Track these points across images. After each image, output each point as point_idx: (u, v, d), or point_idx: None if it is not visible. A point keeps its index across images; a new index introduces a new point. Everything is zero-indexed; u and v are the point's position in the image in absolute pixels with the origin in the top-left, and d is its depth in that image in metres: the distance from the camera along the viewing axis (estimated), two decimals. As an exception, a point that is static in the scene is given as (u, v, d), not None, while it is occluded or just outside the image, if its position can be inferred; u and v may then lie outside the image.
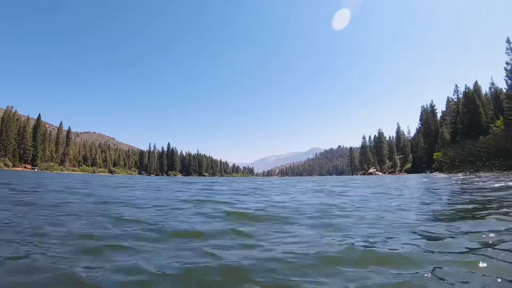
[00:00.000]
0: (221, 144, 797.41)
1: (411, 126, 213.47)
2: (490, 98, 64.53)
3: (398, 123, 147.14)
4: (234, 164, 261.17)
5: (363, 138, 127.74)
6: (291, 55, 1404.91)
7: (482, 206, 5.50)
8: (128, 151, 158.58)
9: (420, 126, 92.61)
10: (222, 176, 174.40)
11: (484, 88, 69.26)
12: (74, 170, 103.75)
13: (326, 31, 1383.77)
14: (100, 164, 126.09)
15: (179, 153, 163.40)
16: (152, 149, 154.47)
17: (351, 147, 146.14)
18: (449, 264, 2.22)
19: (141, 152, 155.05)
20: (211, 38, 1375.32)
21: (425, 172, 58.24)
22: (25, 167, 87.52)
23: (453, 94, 75.46)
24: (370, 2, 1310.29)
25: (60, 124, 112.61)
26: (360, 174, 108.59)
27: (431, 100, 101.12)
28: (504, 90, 53.04)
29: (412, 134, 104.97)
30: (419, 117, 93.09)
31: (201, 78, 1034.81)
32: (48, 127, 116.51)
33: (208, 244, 2.92)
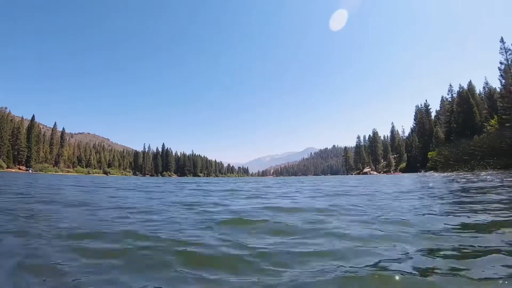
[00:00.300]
0: (216, 144, 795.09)
1: (405, 125, 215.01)
2: (484, 98, 65.15)
3: (392, 122, 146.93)
4: (229, 164, 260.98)
5: (358, 137, 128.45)
6: (288, 56, 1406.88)
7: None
8: (123, 151, 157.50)
9: (414, 125, 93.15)
10: (217, 176, 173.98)
11: (478, 88, 70.18)
12: (68, 171, 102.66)
13: (322, 31, 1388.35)
14: (94, 165, 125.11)
15: (173, 153, 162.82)
16: (146, 149, 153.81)
17: (345, 147, 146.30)
18: None
19: (135, 153, 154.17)
20: (208, 39, 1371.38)
21: (419, 172, 58.53)
22: (19, 169, 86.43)
23: (447, 94, 76.03)
24: (368, 2, 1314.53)
25: (54, 125, 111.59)
26: (355, 174, 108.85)
27: (425, 100, 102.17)
28: (498, 90, 53.51)
29: (406, 134, 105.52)
30: (413, 116, 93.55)
31: (196, 79, 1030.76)
32: (42, 128, 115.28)
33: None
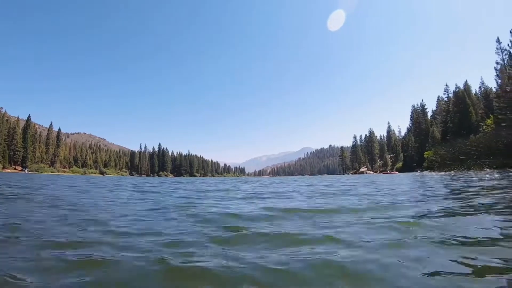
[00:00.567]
0: (212, 144, 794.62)
1: (402, 125, 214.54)
2: (480, 97, 65.74)
3: (389, 122, 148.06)
4: (225, 164, 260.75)
5: (354, 137, 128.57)
6: (285, 56, 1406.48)
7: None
8: (119, 151, 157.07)
9: (410, 125, 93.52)
10: (214, 176, 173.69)
11: (474, 88, 70.65)
12: (64, 172, 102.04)
13: (320, 32, 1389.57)
14: (90, 165, 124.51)
15: (170, 153, 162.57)
16: (143, 149, 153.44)
17: (342, 147, 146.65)
18: None
19: (132, 153, 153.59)
20: (208, 39, 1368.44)
21: (416, 171, 58.87)
22: (15, 169, 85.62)
23: (443, 94, 76.74)
24: (365, 3, 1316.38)
25: (50, 125, 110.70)
26: (351, 173, 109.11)
27: (422, 100, 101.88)
28: (494, 89, 53.89)
29: (403, 134, 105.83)
30: (409, 116, 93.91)
31: (193, 79, 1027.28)
32: (38, 128, 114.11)
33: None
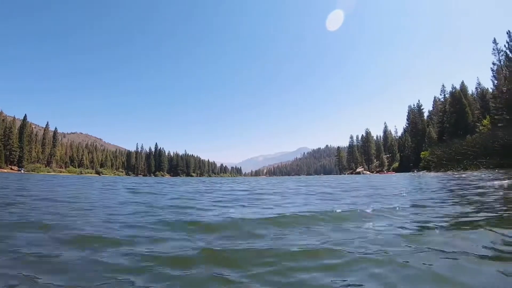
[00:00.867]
0: (209, 144, 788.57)
1: (398, 125, 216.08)
2: (476, 98, 66.48)
3: (385, 122, 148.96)
4: (222, 164, 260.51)
5: (351, 137, 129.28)
6: (283, 56, 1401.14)
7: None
8: (116, 151, 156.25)
9: (407, 125, 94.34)
10: (210, 176, 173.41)
11: (471, 88, 71.73)
12: (61, 171, 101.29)
13: (318, 31, 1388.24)
14: (87, 165, 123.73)
15: (166, 153, 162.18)
16: (139, 149, 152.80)
17: (338, 147, 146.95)
18: None
19: (128, 153, 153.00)
20: (198, 38, 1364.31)
21: (412, 171, 59.18)
22: (11, 169, 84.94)
23: (440, 94, 77.47)
24: (364, 3, 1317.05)
25: (47, 124, 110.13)
26: (348, 174, 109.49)
27: (418, 100, 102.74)
28: (491, 90, 54.47)
29: (399, 134, 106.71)
30: (406, 116, 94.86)
31: (190, 79, 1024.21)
32: (35, 128, 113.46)
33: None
